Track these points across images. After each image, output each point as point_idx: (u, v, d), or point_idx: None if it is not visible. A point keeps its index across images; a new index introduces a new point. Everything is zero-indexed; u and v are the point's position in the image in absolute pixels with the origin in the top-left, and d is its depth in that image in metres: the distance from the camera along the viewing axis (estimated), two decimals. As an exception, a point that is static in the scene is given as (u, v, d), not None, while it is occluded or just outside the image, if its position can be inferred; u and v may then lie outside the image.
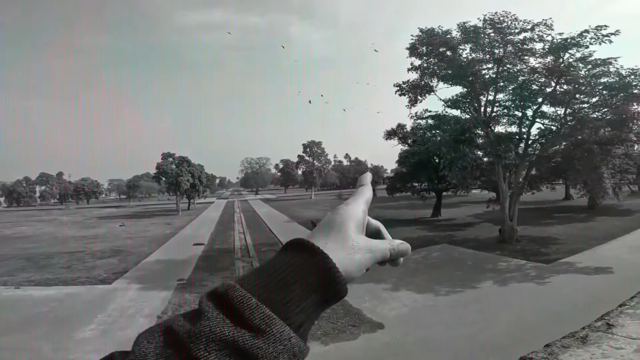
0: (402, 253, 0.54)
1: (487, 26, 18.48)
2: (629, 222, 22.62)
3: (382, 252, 0.51)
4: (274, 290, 0.40)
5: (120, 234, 31.67)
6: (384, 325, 10.37)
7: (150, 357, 0.36)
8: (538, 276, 13.91)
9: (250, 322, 0.37)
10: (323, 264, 0.43)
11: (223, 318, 0.38)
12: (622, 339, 4.15)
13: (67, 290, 14.97)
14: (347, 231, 0.48)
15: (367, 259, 0.48)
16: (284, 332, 0.38)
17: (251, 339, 0.37)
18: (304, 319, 0.41)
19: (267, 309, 0.38)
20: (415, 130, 30.66)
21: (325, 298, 0.43)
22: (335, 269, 0.43)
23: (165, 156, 52.53)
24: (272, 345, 0.37)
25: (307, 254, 0.44)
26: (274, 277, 0.41)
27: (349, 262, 0.46)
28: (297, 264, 0.43)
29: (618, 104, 17.49)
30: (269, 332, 0.37)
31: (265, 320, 0.38)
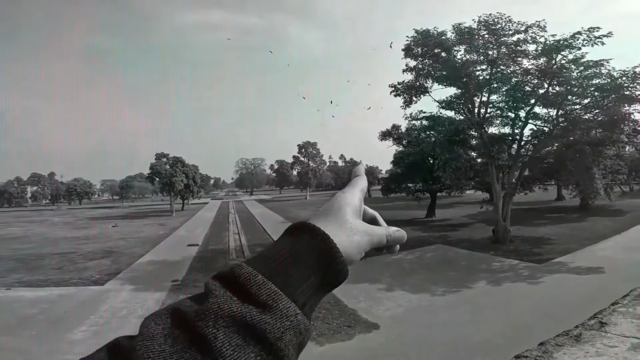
0: (398, 240, 0.56)
1: (481, 27, 18.63)
2: (621, 223, 22.95)
3: (379, 236, 0.52)
4: (278, 270, 0.41)
5: (113, 235, 31.35)
6: (379, 326, 10.38)
7: (157, 338, 0.36)
8: (531, 276, 14.05)
9: (257, 298, 0.38)
10: (324, 244, 0.44)
11: (230, 295, 0.38)
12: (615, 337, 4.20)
13: (59, 291, 14.79)
14: (345, 215, 0.50)
15: (365, 242, 0.50)
16: (290, 308, 0.39)
17: (259, 314, 0.37)
18: (308, 299, 0.42)
19: (273, 285, 0.39)
20: (409, 131, 30.77)
21: (327, 278, 0.44)
22: (336, 249, 0.44)
23: (159, 156, 52.13)
24: (279, 321, 0.38)
25: (308, 235, 0.44)
26: (277, 258, 0.42)
27: (348, 243, 0.47)
28: (300, 245, 0.44)
29: (609, 106, 17.70)
30: (276, 308, 0.38)
31: (272, 295, 0.38)
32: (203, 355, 0.35)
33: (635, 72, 16.73)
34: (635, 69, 16.77)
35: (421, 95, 21.64)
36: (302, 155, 78.48)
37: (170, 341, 0.36)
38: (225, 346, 0.35)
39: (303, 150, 78.18)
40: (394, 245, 0.56)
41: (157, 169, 50.86)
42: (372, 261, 11.28)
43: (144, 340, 0.36)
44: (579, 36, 17.28)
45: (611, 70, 17.28)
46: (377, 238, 0.52)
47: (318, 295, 0.44)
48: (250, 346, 0.36)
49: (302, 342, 0.40)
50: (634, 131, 18.65)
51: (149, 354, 0.35)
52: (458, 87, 20.57)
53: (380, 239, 0.52)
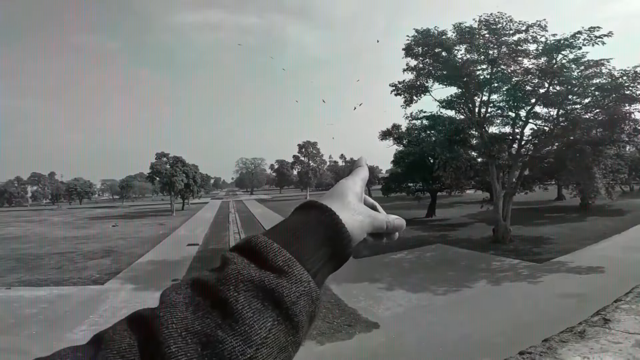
0: (398, 227, 0.58)
1: (482, 27, 18.56)
2: (621, 222, 22.93)
3: (379, 220, 0.55)
4: (292, 240, 0.44)
5: (112, 235, 31.33)
6: (379, 325, 10.36)
7: (179, 305, 0.37)
8: (531, 275, 14.03)
9: (273, 264, 0.40)
10: (331, 220, 0.47)
11: (248, 262, 0.40)
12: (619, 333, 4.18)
13: (58, 290, 14.77)
14: (348, 197, 0.53)
15: (367, 222, 0.52)
16: (303, 275, 0.41)
17: (276, 279, 0.39)
18: (318, 269, 0.44)
19: (287, 253, 0.41)
20: (410, 130, 30.74)
21: (335, 251, 0.46)
22: (341, 224, 0.47)
23: (160, 156, 52.15)
24: (294, 285, 0.40)
25: (317, 211, 0.48)
26: (289, 231, 0.45)
27: (352, 222, 0.49)
28: (309, 220, 0.47)
29: (610, 105, 17.63)
30: (291, 273, 0.40)
31: (287, 262, 0.41)
32: (224, 318, 0.37)
33: (635, 72, 16.65)
34: (635, 69, 16.70)
35: (421, 94, 21.59)
36: (302, 155, 78.45)
37: (192, 308, 0.37)
38: (245, 309, 0.37)
39: (303, 149, 78.16)
40: (393, 232, 0.58)
41: (158, 169, 50.86)
42: (372, 261, 11.31)
43: (166, 307, 0.37)
44: (579, 36, 17.21)
45: (612, 70, 17.23)
46: (377, 222, 0.54)
47: (327, 267, 0.46)
48: (268, 310, 0.38)
49: (313, 311, 0.42)
50: (634, 131, 18.59)
51: (173, 319, 0.36)
52: (458, 87, 20.52)
53: (380, 223, 0.55)
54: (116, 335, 0.37)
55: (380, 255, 18.32)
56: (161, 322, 0.36)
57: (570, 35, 17.38)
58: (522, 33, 18.25)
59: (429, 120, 24.17)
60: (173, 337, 0.35)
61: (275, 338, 0.38)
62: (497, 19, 18.25)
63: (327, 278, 0.48)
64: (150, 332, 0.36)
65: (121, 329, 0.38)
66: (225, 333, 0.36)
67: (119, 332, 0.37)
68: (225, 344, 0.35)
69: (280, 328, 0.38)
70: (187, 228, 34.73)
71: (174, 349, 0.34)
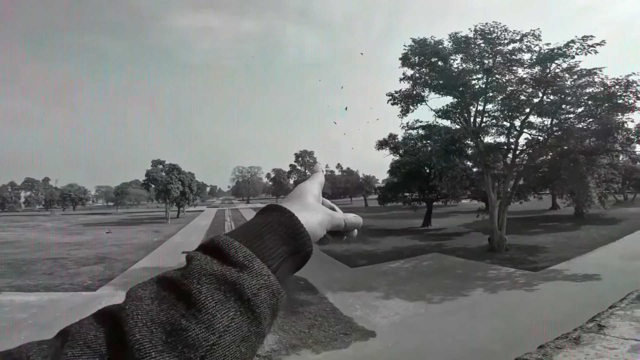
0: (355, 225, 0.63)
1: (477, 36, 18.80)
2: (615, 231, 23.12)
3: (337, 219, 0.60)
4: (252, 240, 0.47)
5: (106, 241, 30.95)
6: (375, 333, 10.26)
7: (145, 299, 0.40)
8: (527, 283, 14.03)
9: (235, 259, 0.43)
10: (290, 220, 0.51)
11: (210, 259, 0.43)
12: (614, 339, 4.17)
13: (49, 296, 14.49)
14: (307, 199, 0.58)
15: (326, 220, 0.57)
16: (263, 269, 0.44)
17: (237, 272, 0.42)
18: (279, 265, 0.47)
19: (248, 250, 0.45)
20: (406, 140, 30.98)
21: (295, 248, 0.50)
22: (300, 224, 0.51)
23: (155, 163, 51.99)
24: (254, 279, 0.43)
25: (277, 213, 0.52)
26: (251, 231, 0.49)
27: (311, 221, 0.54)
28: (270, 221, 0.50)
29: (603, 114, 17.76)
30: (251, 267, 0.43)
31: (248, 257, 0.44)
32: (188, 308, 0.39)
33: (628, 80, 16.80)
34: (628, 77, 16.84)
35: (418, 104, 21.79)
36: (299, 164, 78.64)
37: (157, 302, 0.40)
38: (208, 299, 0.40)
39: (300, 159, 78.38)
40: (351, 229, 0.63)
41: (153, 176, 50.65)
42: (368, 270, 11.31)
43: (132, 301, 0.40)
44: (572, 45, 17.41)
45: (604, 79, 17.38)
46: (336, 219, 0.59)
47: (288, 264, 0.49)
48: (230, 302, 0.41)
49: (275, 304, 0.45)
50: (627, 140, 18.79)
51: (138, 311, 0.38)
52: (454, 96, 20.70)
53: (338, 221, 0.60)
54: (82, 328, 0.39)
55: (376, 265, 18.27)
56: (127, 313, 0.38)
57: (564, 45, 17.59)
58: (517, 42, 18.48)
59: (425, 129, 24.38)
60: (138, 326, 0.37)
61: (237, 327, 0.40)
62: (492, 29, 18.50)
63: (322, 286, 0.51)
64: (116, 324, 0.38)
65: (87, 323, 0.40)
66: (189, 322, 0.38)
67: (85, 325, 0.39)
68: (189, 331, 0.38)
69: (242, 318, 0.41)
70: (182, 235, 34.44)
71: (138, 337, 0.36)
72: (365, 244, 23.80)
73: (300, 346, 9.51)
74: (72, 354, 0.36)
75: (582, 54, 17.39)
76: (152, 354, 0.36)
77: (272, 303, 0.44)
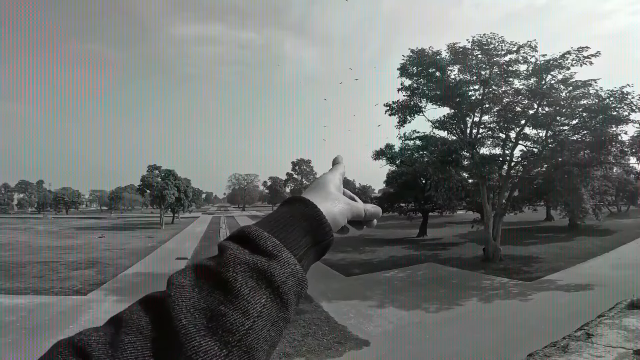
0: (374, 214, 0.65)
1: (475, 47, 19.01)
2: (608, 242, 23.32)
3: (358, 208, 0.62)
4: (278, 230, 0.49)
5: (98, 246, 30.61)
6: (369, 342, 10.18)
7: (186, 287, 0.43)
8: (521, 293, 14.05)
9: (264, 248, 0.46)
10: (313, 211, 0.53)
11: (242, 248, 0.46)
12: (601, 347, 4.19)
13: (39, 299, 14.29)
14: (329, 188, 0.60)
15: (347, 209, 0.59)
16: (290, 258, 0.47)
17: (267, 261, 0.45)
18: (304, 254, 0.50)
19: (276, 239, 0.48)
20: (403, 150, 31.10)
21: (317, 238, 0.52)
22: (322, 215, 0.53)
23: (151, 168, 51.75)
24: (282, 267, 0.46)
25: (300, 204, 0.54)
26: (276, 222, 0.51)
27: (333, 209, 0.56)
28: (294, 212, 0.53)
29: (597, 127, 17.83)
30: (279, 257, 0.46)
31: (276, 247, 0.47)
32: (225, 295, 0.42)
33: (622, 92, 16.89)
34: (622, 89, 16.92)
35: (415, 114, 21.94)
36: (295, 173, 78.67)
37: (197, 289, 0.43)
38: (243, 287, 0.43)
39: (297, 167, 78.43)
40: (371, 219, 0.65)
41: (149, 181, 50.35)
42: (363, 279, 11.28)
43: (175, 289, 0.43)
44: (568, 56, 17.59)
45: (599, 91, 17.48)
46: (356, 209, 0.62)
47: (311, 253, 0.52)
48: (262, 289, 0.44)
49: (300, 291, 0.47)
50: (621, 152, 18.96)
51: (182, 298, 0.42)
52: (451, 107, 20.85)
53: (359, 210, 0.62)
54: (133, 315, 0.42)
55: (371, 274, 18.20)
56: (172, 300, 0.42)
57: (560, 56, 17.76)
58: (513, 54, 18.65)
59: (422, 140, 24.49)
60: (183, 312, 0.41)
61: (268, 312, 0.43)
62: (490, 40, 18.72)
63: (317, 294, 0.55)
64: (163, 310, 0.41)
65: (136, 310, 0.43)
66: (227, 308, 0.41)
67: (135, 312, 0.42)
68: (227, 317, 0.41)
69: (272, 304, 0.44)
70: (176, 241, 34.16)
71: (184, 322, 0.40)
72: (361, 253, 23.73)
73: (294, 355, 9.41)
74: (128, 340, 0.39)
75: (577, 65, 17.57)
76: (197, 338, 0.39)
77: (297, 290, 0.47)
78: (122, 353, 0.38)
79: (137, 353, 0.39)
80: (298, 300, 0.48)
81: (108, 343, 0.39)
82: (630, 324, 4.68)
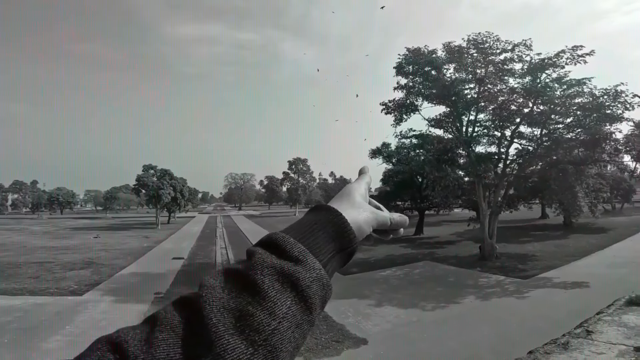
0: (401, 223, 0.67)
1: (470, 46, 19.05)
2: (603, 239, 23.43)
3: (383, 217, 0.63)
4: (304, 236, 0.52)
5: (94, 246, 30.38)
6: (367, 341, 10.20)
7: (217, 289, 0.46)
8: (517, 291, 14.12)
9: (290, 254, 0.48)
10: (338, 219, 0.55)
11: (269, 253, 0.49)
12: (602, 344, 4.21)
13: (34, 300, 14.18)
14: (355, 197, 0.62)
15: (372, 218, 0.61)
16: (315, 264, 0.49)
17: (293, 266, 0.47)
18: (328, 260, 0.52)
19: (302, 245, 0.50)
20: (399, 149, 31.18)
21: (342, 245, 0.54)
22: (347, 223, 0.55)
23: (147, 168, 51.41)
24: (308, 272, 0.48)
25: (326, 212, 0.56)
26: (303, 228, 0.53)
27: (358, 218, 0.58)
28: (319, 220, 0.55)
29: (591, 125, 17.90)
30: (305, 262, 0.48)
31: (302, 252, 0.49)
32: (253, 296, 0.45)
33: (616, 91, 16.95)
34: (616, 88, 16.98)
35: (411, 113, 21.97)
36: (292, 172, 78.42)
37: (227, 290, 0.45)
38: (270, 289, 0.45)
39: (293, 166, 78.22)
40: (397, 228, 0.67)
41: (144, 181, 50.04)
42: (361, 277, 11.31)
43: (206, 290, 0.46)
44: (562, 54, 17.67)
45: (593, 89, 17.51)
46: (381, 217, 0.63)
47: (336, 259, 0.54)
48: (287, 291, 0.46)
49: (324, 295, 0.50)
50: (615, 150, 19.09)
51: (212, 299, 0.44)
52: (447, 106, 20.90)
53: (384, 219, 0.63)
54: (168, 314, 0.45)
55: (369, 272, 18.22)
56: (204, 300, 0.44)
57: (554, 54, 17.84)
58: (508, 52, 18.72)
59: (418, 139, 24.55)
60: (214, 312, 0.43)
61: (293, 314, 0.45)
62: (485, 38, 18.78)
63: None
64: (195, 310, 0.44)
65: (170, 309, 0.46)
66: (255, 308, 0.44)
67: (169, 312, 0.45)
68: (255, 317, 0.43)
69: (297, 307, 0.46)
70: (172, 241, 33.99)
71: (214, 321, 0.42)
72: (358, 252, 23.67)
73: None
74: (162, 338, 0.42)
75: (572, 64, 17.63)
76: (226, 336, 0.41)
77: (322, 295, 0.49)
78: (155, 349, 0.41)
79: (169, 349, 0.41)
80: (323, 305, 0.50)
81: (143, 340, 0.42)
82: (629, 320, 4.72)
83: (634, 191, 40.82)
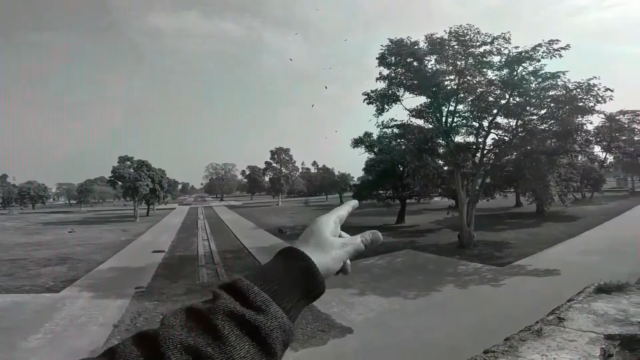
0: (375, 241, 0.70)
1: (451, 38, 19.27)
2: (573, 228, 24.46)
3: (354, 245, 0.66)
4: (269, 284, 0.53)
5: (69, 241, 29.36)
6: (352, 330, 10.39)
7: (176, 328, 0.47)
8: (493, 279, 14.65)
9: (254, 303, 0.50)
10: (305, 264, 0.57)
11: (233, 300, 0.50)
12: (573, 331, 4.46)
13: (10, 298, 13.69)
14: (322, 235, 0.63)
15: (342, 253, 0.63)
16: (278, 312, 0.51)
17: (255, 315, 0.49)
18: (292, 306, 0.54)
19: (265, 294, 0.51)
20: (381, 139, 31.42)
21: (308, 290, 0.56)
22: (314, 267, 0.57)
23: (123, 159, 49.70)
24: (269, 321, 0.50)
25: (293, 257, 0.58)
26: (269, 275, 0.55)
27: (326, 259, 0.60)
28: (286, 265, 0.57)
29: (564, 117, 18.53)
30: (267, 311, 0.50)
31: (265, 302, 0.51)
32: (213, 340, 0.46)
33: (589, 84, 17.47)
34: (589, 81, 17.51)
35: (393, 103, 22.12)
36: (274, 161, 77.85)
37: (186, 329, 0.47)
38: (230, 335, 0.47)
39: (275, 156, 77.62)
40: (373, 246, 0.69)
41: (120, 172, 48.43)
42: (345, 265, 11.24)
43: (165, 328, 0.47)
44: (539, 48, 18.09)
45: (566, 82, 18.04)
46: (352, 247, 0.65)
47: (301, 304, 0.56)
48: (247, 338, 0.48)
49: (286, 340, 0.52)
50: (586, 141, 19.90)
51: (171, 337, 0.45)
52: (428, 96, 21.13)
53: (355, 247, 0.66)
54: (126, 349, 0.46)
55: (352, 262, 18.44)
56: (162, 338, 0.45)
57: (531, 48, 18.24)
58: (488, 45, 19.05)
59: (400, 129, 24.78)
60: (171, 350, 0.44)
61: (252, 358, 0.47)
62: (466, 31, 19.02)
63: None
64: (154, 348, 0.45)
65: (129, 344, 0.47)
66: (214, 351, 0.45)
67: (128, 347, 0.46)
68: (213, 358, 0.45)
69: (255, 351, 0.48)
70: (152, 234, 33.29)
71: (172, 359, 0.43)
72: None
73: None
74: None
75: (548, 57, 18.08)
76: None
77: (283, 339, 0.51)
78: None
79: None
80: (284, 348, 0.52)
81: None
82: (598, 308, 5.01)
83: (603, 181, 42.63)
